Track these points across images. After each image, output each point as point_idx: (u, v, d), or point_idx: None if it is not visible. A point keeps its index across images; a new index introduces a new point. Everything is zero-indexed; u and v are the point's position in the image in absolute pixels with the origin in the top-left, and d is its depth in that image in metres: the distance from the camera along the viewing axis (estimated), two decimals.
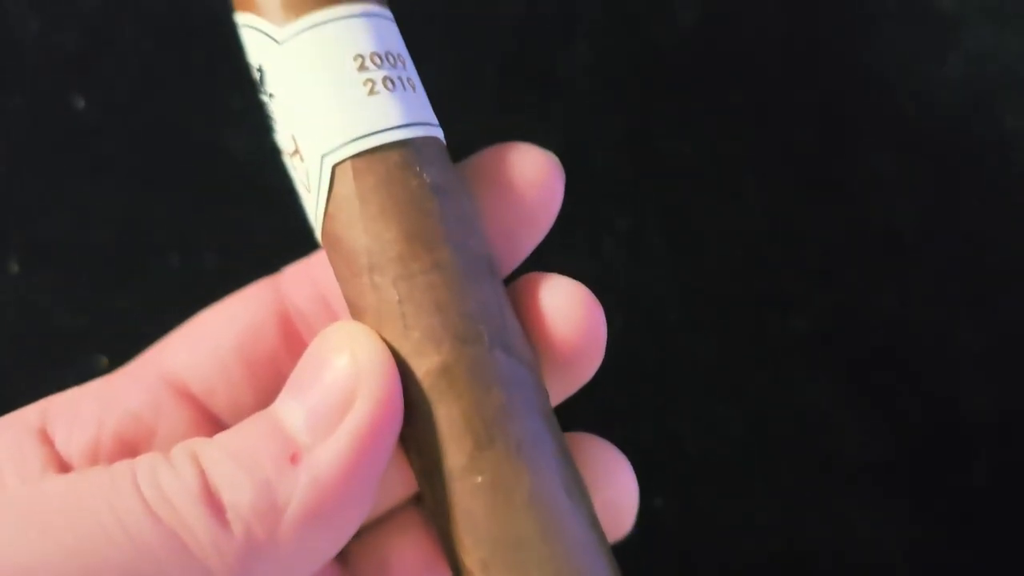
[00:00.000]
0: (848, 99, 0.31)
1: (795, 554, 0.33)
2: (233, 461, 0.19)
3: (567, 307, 0.22)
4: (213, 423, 0.23)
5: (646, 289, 0.32)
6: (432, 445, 0.20)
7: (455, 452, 0.19)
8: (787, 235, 0.32)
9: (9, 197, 0.32)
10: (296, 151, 0.19)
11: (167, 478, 0.18)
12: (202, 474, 0.18)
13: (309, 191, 0.19)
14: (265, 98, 0.20)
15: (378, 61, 0.20)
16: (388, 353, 0.20)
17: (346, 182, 0.19)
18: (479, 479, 0.19)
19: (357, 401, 0.19)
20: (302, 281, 0.24)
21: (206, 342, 0.24)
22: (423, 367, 0.19)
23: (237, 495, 0.18)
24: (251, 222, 0.31)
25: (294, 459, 0.19)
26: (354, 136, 0.19)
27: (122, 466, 0.19)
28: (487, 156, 0.23)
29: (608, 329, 0.31)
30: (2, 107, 0.32)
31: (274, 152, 0.21)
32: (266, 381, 0.23)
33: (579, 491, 0.20)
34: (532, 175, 0.23)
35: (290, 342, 0.24)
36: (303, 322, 0.24)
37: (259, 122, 0.27)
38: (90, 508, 0.18)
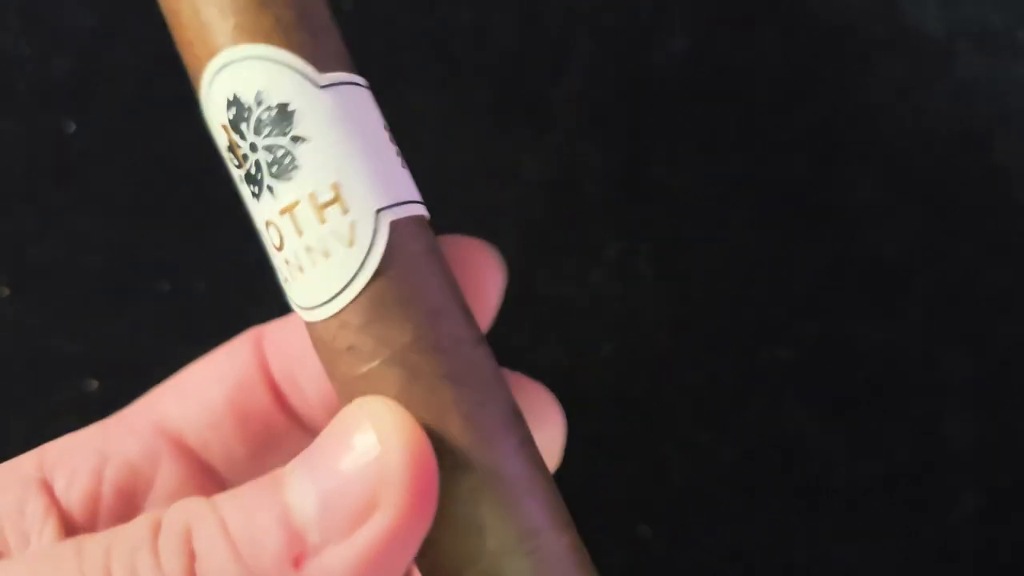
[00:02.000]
0: (837, 129, 0.32)
1: None
2: (230, 553, 0.16)
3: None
4: (209, 474, 0.23)
5: (635, 317, 0.32)
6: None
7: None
8: (775, 264, 0.32)
9: (0, 221, 0.32)
10: (335, 200, 0.18)
11: (148, 572, 0.16)
12: (190, 572, 0.16)
13: (349, 244, 0.18)
14: (283, 139, 0.19)
15: (392, 135, 0.20)
16: (426, 443, 0.17)
17: (407, 240, 0.18)
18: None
19: (381, 504, 0.16)
20: (284, 341, 0.23)
21: (197, 397, 0.23)
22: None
23: None
24: (240, 248, 0.31)
25: (298, 562, 0.16)
26: (404, 199, 0.19)
27: (95, 550, 0.16)
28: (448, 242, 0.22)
29: (597, 356, 0.32)
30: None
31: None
32: (258, 435, 0.23)
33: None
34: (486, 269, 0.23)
35: (280, 398, 0.23)
36: (287, 382, 0.23)
37: None
38: None
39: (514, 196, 0.32)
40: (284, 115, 0.18)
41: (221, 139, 0.19)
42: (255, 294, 0.23)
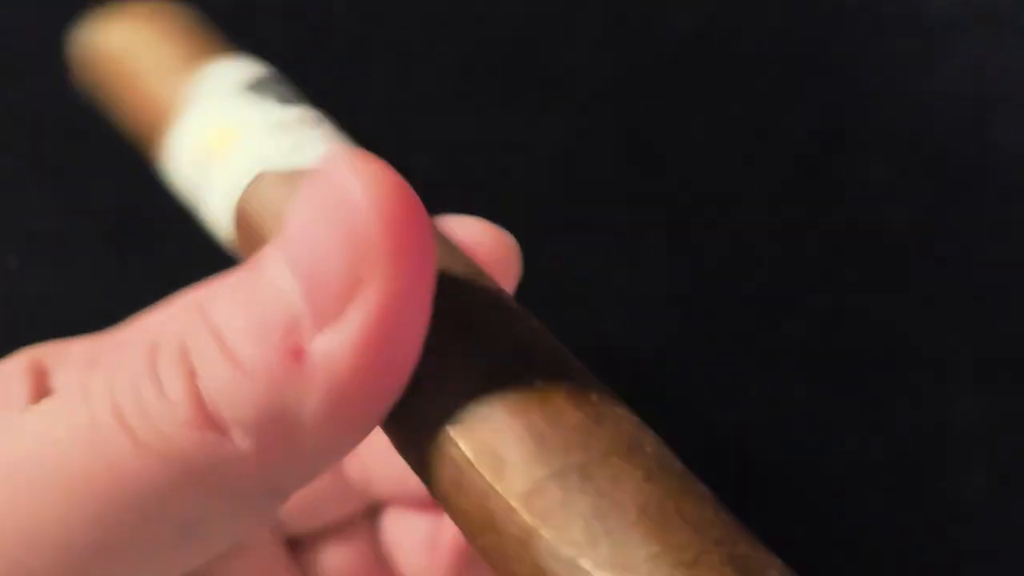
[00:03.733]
0: (844, 107, 0.32)
1: (789, 558, 0.33)
2: (229, 364, 0.15)
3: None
4: None
5: (643, 290, 0.33)
6: None
7: None
8: (784, 241, 0.32)
9: (7, 190, 0.32)
10: None
11: (154, 403, 0.15)
12: (195, 392, 0.15)
13: None
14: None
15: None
16: (405, 189, 0.14)
17: None
18: None
19: (364, 276, 0.14)
20: None
21: None
22: None
23: (240, 411, 0.15)
24: None
25: (297, 356, 0.15)
26: None
27: (100, 388, 0.16)
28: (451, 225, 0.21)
29: (605, 329, 0.31)
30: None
31: None
32: None
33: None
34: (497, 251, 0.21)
35: None
36: None
37: None
38: (70, 453, 0.15)
39: (523, 169, 0.32)
40: None
41: None
42: None
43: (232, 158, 0.21)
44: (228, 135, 0.21)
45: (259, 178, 0.20)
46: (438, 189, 0.19)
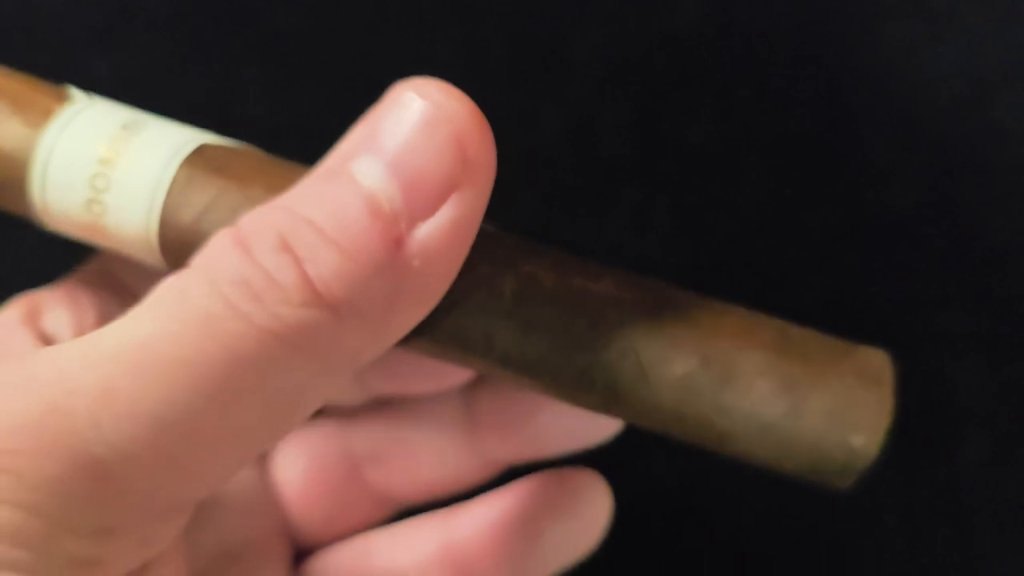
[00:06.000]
0: (847, 88, 0.32)
1: (787, 526, 0.34)
2: (336, 250, 0.17)
3: None
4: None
5: (651, 264, 0.33)
6: None
7: None
8: (788, 216, 0.33)
9: None
10: None
11: (266, 289, 0.17)
12: (305, 276, 0.17)
13: None
14: None
15: None
16: (480, 112, 0.18)
17: None
18: None
19: (463, 181, 0.17)
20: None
21: None
22: None
23: (349, 291, 0.17)
24: None
25: (399, 244, 0.17)
26: None
27: (201, 287, 0.17)
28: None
29: None
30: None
31: (287, 123, 0.22)
32: None
33: None
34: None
35: None
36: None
37: (274, 93, 0.28)
38: (186, 343, 0.17)
39: (531, 148, 0.33)
40: None
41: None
42: None
43: (141, 152, 0.21)
44: (119, 140, 0.21)
45: (201, 149, 0.21)
46: None
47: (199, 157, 0.21)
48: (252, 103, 0.33)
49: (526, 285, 0.20)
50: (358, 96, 0.33)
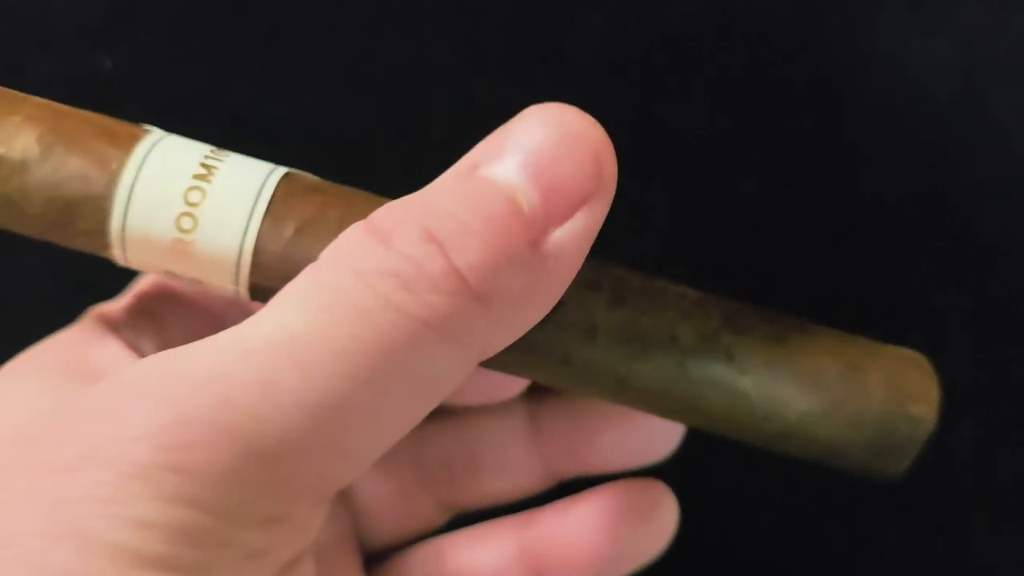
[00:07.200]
0: (841, 80, 0.32)
1: (784, 503, 0.34)
2: (481, 242, 0.18)
3: None
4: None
5: (650, 253, 0.33)
6: None
7: None
8: (784, 207, 0.33)
9: None
10: None
11: (416, 279, 0.18)
12: (454, 266, 0.18)
13: None
14: None
15: None
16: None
17: None
18: None
19: (596, 193, 0.19)
20: None
21: None
22: None
23: (493, 284, 0.18)
24: None
25: (537, 245, 0.18)
26: None
27: (348, 280, 0.18)
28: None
29: None
30: (28, 67, 0.33)
31: (292, 116, 0.21)
32: None
33: None
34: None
35: None
36: None
37: (274, 93, 0.28)
38: (340, 332, 0.17)
39: None
40: None
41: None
42: None
43: (237, 166, 0.21)
44: (212, 158, 0.21)
45: (290, 174, 0.21)
46: (454, 155, 0.20)
47: (291, 178, 0.21)
48: (252, 103, 0.33)
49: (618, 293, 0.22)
50: (358, 96, 0.33)
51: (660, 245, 0.33)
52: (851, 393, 0.21)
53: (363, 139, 0.32)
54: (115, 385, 0.17)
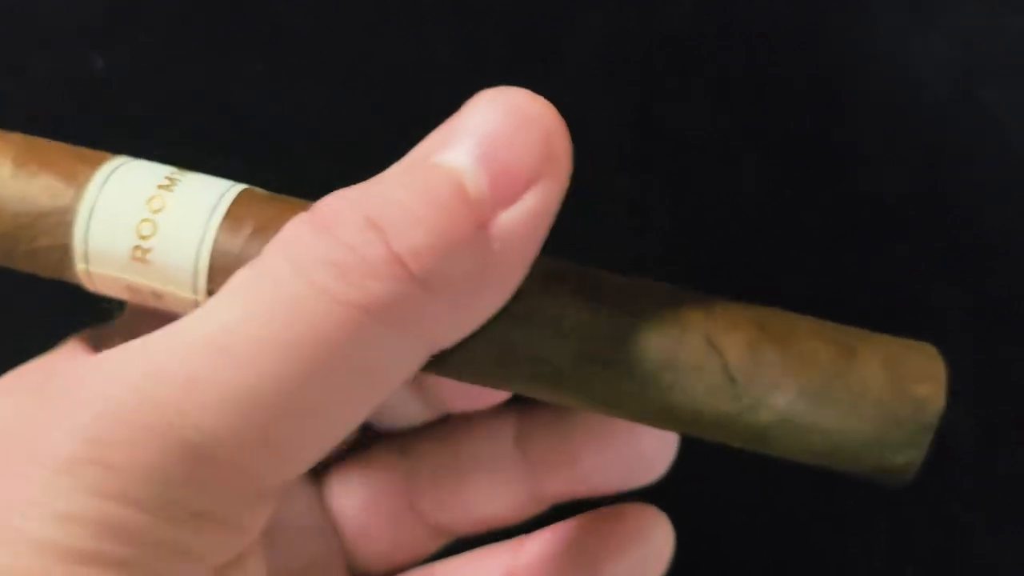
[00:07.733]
0: (839, 78, 0.32)
1: (784, 485, 0.34)
2: (424, 230, 0.18)
3: None
4: None
5: (650, 253, 0.34)
6: None
7: None
8: (784, 207, 0.33)
9: None
10: None
11: (352, 265, 0.17)
12: (392, 250, 0.17)
13: None
14: None
15: None
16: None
17: None
18: None
19: (545, 173, 0.18)
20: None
21: None
22: None
23: (436, 267, 0.18)
24: (268, 181, 0.32)
25: (483, 227, 0.18)
26: None
27: (283, 268, 0.17)
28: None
29: None
30: (28, 67, 0.33)
31: (292, 116, 0.22)
32: None
33: None
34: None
35: None
36: None
37: (273, 93, 0.28)
38: (272, 324, 0.17)
39: None
40: None
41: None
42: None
43: (198, 181, 0.21)
44: (174, 173, 0.21)
45: (251, 189, 0.21)
46: None
47: (251, 191, 0.21)
48: (252, 103, 0.33)
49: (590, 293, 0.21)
50: (358, 96, 0.33)
51: (660, 245, 0.33)
52: (845, 374, 0.20)
53: (363, 139, 0.32)
54: (55, 386, 0.18)
